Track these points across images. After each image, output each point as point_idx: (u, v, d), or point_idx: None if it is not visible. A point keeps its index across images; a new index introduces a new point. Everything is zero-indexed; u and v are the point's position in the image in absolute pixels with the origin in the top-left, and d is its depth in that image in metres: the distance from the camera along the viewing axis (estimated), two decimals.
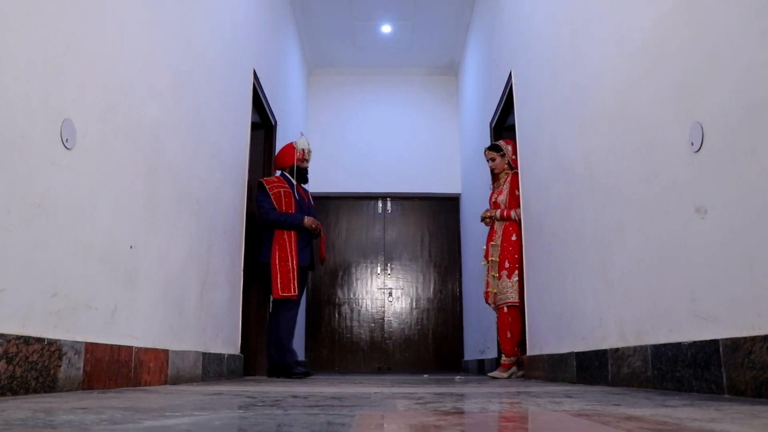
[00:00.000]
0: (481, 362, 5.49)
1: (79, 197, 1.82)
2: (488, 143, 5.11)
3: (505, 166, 4.10)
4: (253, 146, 4.23)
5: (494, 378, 3.71)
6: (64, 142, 1.73)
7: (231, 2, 3.64)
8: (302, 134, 4.41)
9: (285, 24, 5.58)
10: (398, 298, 7.08)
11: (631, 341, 2.15)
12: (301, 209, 4.15)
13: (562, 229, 3.04)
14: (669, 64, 1.90)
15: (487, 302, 4.06)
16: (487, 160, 4.19)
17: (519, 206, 3.94)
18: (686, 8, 1.80)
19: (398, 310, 7.05)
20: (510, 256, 3.88)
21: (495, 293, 3.89)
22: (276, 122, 4.98)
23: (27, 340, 1.53)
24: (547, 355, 3.20)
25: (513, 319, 3.83)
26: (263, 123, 4.73)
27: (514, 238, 3.90)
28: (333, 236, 7.12)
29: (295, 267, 3.95)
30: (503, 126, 4.81)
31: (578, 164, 2.78)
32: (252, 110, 4.18)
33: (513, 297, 3.81)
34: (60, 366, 1.68)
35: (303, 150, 4.25)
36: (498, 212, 4.00)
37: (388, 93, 7.37)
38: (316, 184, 6.72)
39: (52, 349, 1.64)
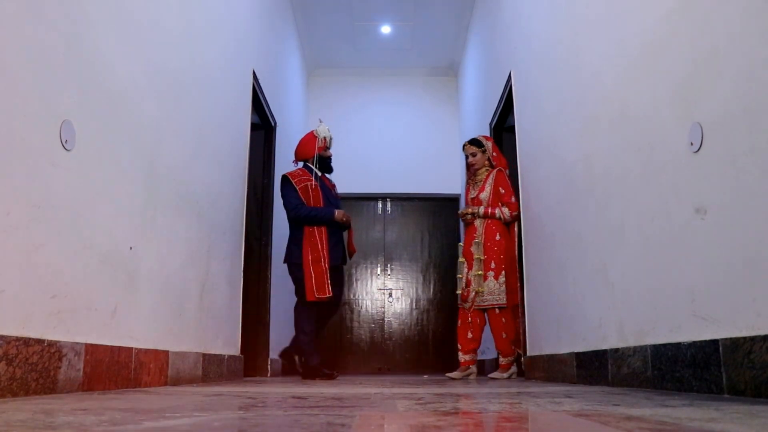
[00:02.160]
0: (480, 362, 5.49)
1: (78, 198, 1.82)
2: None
3: (486, 162, 4.03)
4: (253, 147, 4.22)
5: (494, 379, 3.71)
6: (64, 144, 1.73)
7: (231, 3, 3.64)
8: (321, 121, 4.20)
9: (285, 25, 5.58)
10: (398, 298, 7.08)
11: (631, 341, 2.15)
12: (329, 202, 3.96)
13: (562, 230, 3.04)
14: (669, 65, 1.90)
15: (464, 300, 3.90)
16: (467, 155, 4.07)
17: (503, 204, 3.88)
18: (686, 9, 1.81)
19: (398, 311, 7.05)
20: (495, 256, 3.81)
21: (478, 292, 3.80)
22: (276, 123, 4.98)
23: (27, 342, 1.53)
24: (547, 355, 3.20)
25: (506, 320, 3.79)
26: (263, 124, 4.73)
27: (498, 237, 3.83)
28: None
29: (327, 267, 3.79)
30: (503, 127, 4.81)
31: (578, 165, 2.78)
32: (252, 111, 4.18)
33: (502, 299, 3.76)
34: (60, 367, 1.68)
35: (325, 138, 4.07)
36: (481, 209, 3.89)
37: (388, 94, 7.37)
38: None
39: (52, 351, 1.64)
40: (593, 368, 2.48)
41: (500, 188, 3.92)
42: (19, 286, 1.53)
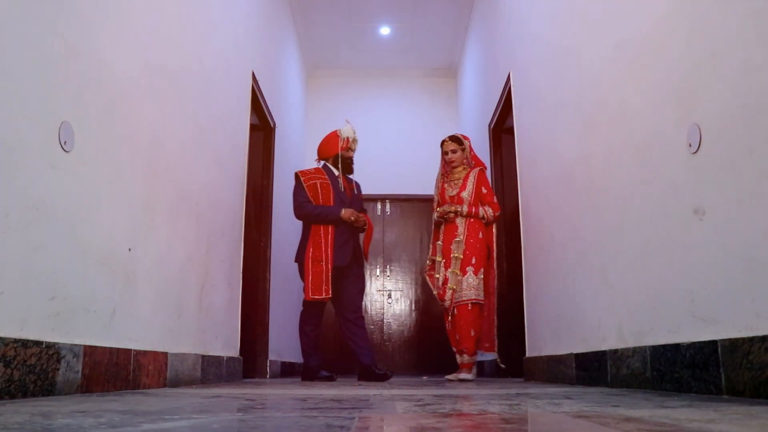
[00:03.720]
0: (480, 364, 5.49)
1: (77, 200, 1.82)
2: (487, 145, 5.10)
3: (464, 161, 3.96)
4: (252, 148, 4.22)
5: (463, 380, 3.57)
6: (63, 145, 1.73)
7: (230, 4, 3.64)
8: (348, 122, 4.11)
9: (284, 26, 5.58)
10: (397, 300, 7.07)
11: (630, 342, 2.15)
12: (342, 202, 3.85)
13: (560, 231, 3.04)
14: (667, 66, 1.90)
15: (443, 300, 3.77)
16: (446, 152, 3.97)
17: (483, 204, 3.83)
18: (684, 11, 1.81)
19: (397, 312, 7.04)
20: (477, 253, 3.74)
21: (453, 290, 3.69)
22: (275, 124, 4.98)
23: (25, 344, 1.53)
24: (547, 356, 3.20)
25: (475, 317, 3.70)
26: (262, 125, 4.73)
27: (480, 236, 3.78)
28: None
29: (329, 267, 3.67)
30: (502, 128, 4.82)
31: (577, 166, 2.78)
32: (251, 112, 4.17)
33: (480, 295, 3.69)
34: (58, 369, 1.68)
35: (348, 138, 3.97)
36: (465, 208, 3.79)
37: (387, 95, 7.37)
38: None
39: (50, 353, 1.64)
40: (592, 369, 2.48)
41: (482, 188, 3.86)
42: (18, 288, 1.53)
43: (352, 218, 3.78)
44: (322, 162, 4.04)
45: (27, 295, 1.57)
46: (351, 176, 4.10)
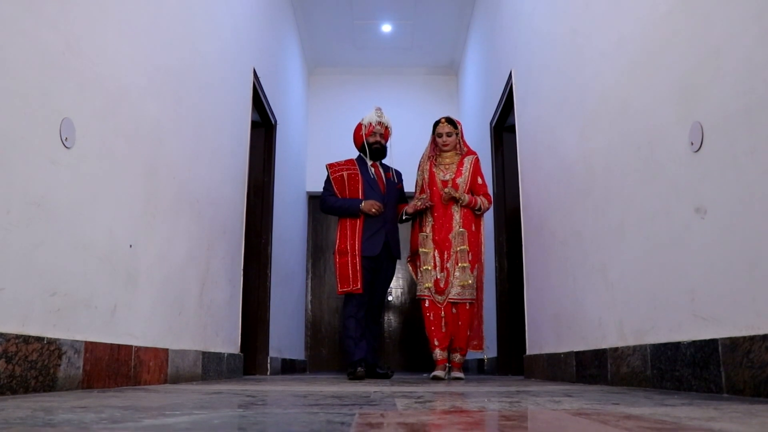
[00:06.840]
0: (480, 361, 5.49)
1: (78, 196, 1.82)
2: (488, 143, 5.09)
3: (456, 145, 3.76)
4: (253, 145, 4.22)
5: (459, 378, 3.43)
6: (64, 141, 1.73)
7: (231, 1, 3.64)
8: (377, 108, 3.90)
9: (285, 23, 5.58)
10: (398, 297, 7.08)
11: (631, 341, 2.15)
12: (372, 191, 3.68)
13: (562, 229, 3.04)
14: (669, 64, 1.90)
15: (441, 293, 3.53)
16: (441, 134, 3.72)
17: (479, 194, 3.62)
18: (686, 9, 1.80)
19: (398, 309, 7.05)
20: (473, 248, 3.55)
21: (464, 285, 3.46)
22: (276, 121, 4.98)
23: (26, 339, 1.53)
24: (547, 354, 3.20)
25: (472, 316, 3.57)
26: (263, 122, 4.73)
27: (474, 228, 3.59)
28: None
29: (358, 259, 3.54)
30: (503, 126, 4.81)
31: (578, 164, 2.78)
32: (252, 109, 4.17)
33: (473, 294, 3.51)
34: (60, 365, 1.68)
35: (370, 123, 3.78)
36: (466, 197, 3.55)
37: (388, 93, 7.36)
38: (316, 184, 6.72)
39: (51, 348, 1.64)
40: (593, 367, 2.49)
41: (478, 177, 3.68)
42: (19, 284, 1.53)
43: (373, 210, 3.59)
44: (358, 153, 3.91)
45: (28, 292, 1.57)
46: (388, 165, 3.94)
